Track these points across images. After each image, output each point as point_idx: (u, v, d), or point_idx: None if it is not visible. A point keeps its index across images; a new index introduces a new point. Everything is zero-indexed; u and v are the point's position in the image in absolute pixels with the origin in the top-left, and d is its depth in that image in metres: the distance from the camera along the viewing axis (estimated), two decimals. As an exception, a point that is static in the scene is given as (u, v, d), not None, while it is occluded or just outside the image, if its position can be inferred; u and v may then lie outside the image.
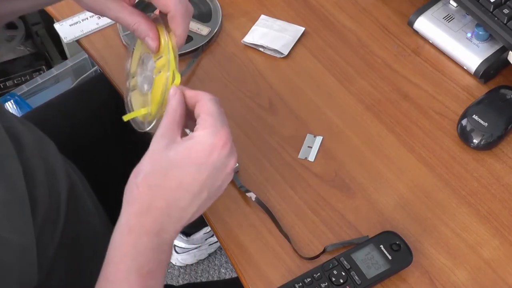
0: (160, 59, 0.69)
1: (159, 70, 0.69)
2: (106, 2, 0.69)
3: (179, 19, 0.67)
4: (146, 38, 0.69)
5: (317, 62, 0.90)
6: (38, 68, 1.66)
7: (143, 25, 0.69)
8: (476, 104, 0.82)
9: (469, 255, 0.73)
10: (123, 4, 0.69)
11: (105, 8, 0.69)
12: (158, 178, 0.60)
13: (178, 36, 0.68)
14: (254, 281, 0.72)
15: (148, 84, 0.71)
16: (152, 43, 0.68)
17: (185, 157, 0.61)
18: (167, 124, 0.63)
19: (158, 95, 0.68)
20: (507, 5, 0.82)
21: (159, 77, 0.69)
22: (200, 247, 1.53)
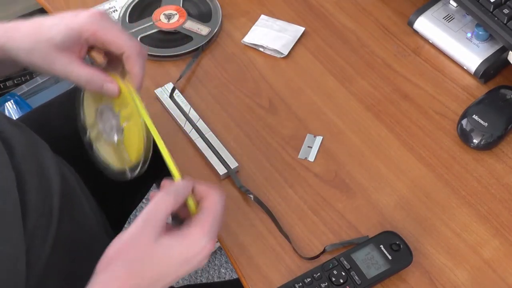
0: (124, 108, 0.68)
1: (127, 119, 0.67)
2: (56, 57, 0.64)
3: (134, 58, 0.65)
4: (104, 85, 0.66)
5: (317, 62, 0.90)
6: (38, 68, 1.65)
7: (96, 75, 0.66)
8: (476, 104, 0.82)
9: (469, 255, 0.73)
10: (73, 58, 0.65)
11: (55, 63, 0.65)
12: (141, 270, 0.59)
13: (136, 76, 0.66)
14: (254, 281, 0.72)
15: (117, 134, 0.69)
16: (112, 86, 0.66)
17: (174, 255, 0.60)
18: (161, 216, 0.60)
19: (136, 143, 0.66)
20: (507, 5, 0.82)
21: (132, 125, 0.67)
22: (200, 247, 1.53)
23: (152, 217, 0.60)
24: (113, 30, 0.65)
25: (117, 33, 0.65)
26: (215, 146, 0.82)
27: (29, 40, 0.65)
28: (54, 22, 0.65)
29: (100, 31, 0.65)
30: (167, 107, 0.86)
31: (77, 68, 0.65)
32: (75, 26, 0.65)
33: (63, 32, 0.64)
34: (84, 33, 0.65)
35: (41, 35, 0.65)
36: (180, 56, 0.92)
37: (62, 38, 0.64)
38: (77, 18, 0.65)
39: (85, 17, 0.65)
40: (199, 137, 0.83)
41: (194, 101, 0.87)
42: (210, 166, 0.81)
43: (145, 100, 0.86)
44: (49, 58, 0.65)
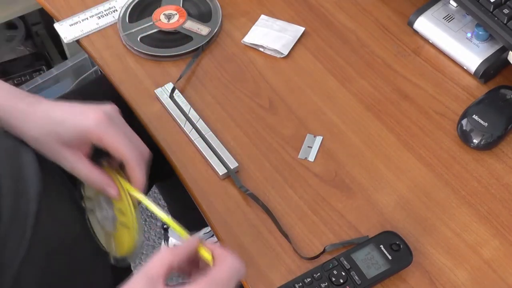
0: (120, 203, 0.69)
1: (122, 214, 0.69)
2: (61, 151, 0.67)
3: (134, 165, 0.67)
4: (106, 188, 0.68)
5: (317, 62, 0.90)
6: (38, 68, 1.66)
7: (99, 177, 0.68)
8: (476, 104, 0.82)
9: (469, 255, 0.73)
10: (79, 155, 0.68)
11: (60, 157, 0.68)
12: None
13: (135, 181, 0.68)
14: (254, 281, 0.72)
15: (110, 224, 0.71)
16: (112, 192, 0.68)
17: None
18: (159, 269, 0.59)
19: (126, 241, 0.69)
20: (507, 5, 0.82)
21: (125, 221, 0.69)
22: (200, 247, 1.53)
23: (150, 271, 0.59)
24: (118, 137, 0.67)
25: (121, 141, 0.67)
26: (215, 146, 0.82)
27: (39, 132, 0.67)
28: (63, 118, 0.67)
29: (105, 137, 0.67)
30: (167, 107, 0.86)
31: (82, 166, 0.68)
32: (83, 129, 0.67)
33: (71, 132, 0.67)
34: (90, 136, 0.67)
35: (49, 130, 0.67)
36: (180, 56, 0.92)
37: (69, 137, 0.67)
38: (85, 120, 0.67)
39: (93, 120, 0.67)
40: (199, 137, 0.83)
41: (194, 101, 0.87)
42: (210, 166, 0.81)
43: (145, 100, 0.87)
44: (57, 152, 0.68)
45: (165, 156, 0.83)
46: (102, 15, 0.97)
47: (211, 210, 0.77)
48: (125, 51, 0.93)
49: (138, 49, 0.92)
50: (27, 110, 0.68)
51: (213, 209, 0.77)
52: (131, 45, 0.92)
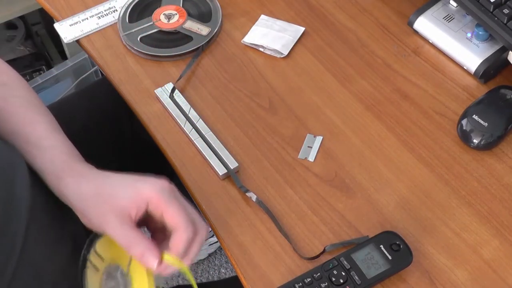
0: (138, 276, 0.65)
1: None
2: (107, 215, 0.63)
3: (183, 238, 0.64)
4: (146, 252, 0.63)
5: (317, 62, 0.90)
6: (38, 68, 1.66)
7: (145, 240, 0.63)
8: (476, 104, 0.82)
9: (469, 255, 0.73)
10: (127, 219, 0.63)
11: (104, 220, 0.64)
12: None
13: (175, 250, 0.64)
14: (254, 281, 0.72)
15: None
16: (152, 258, 0.63)
17: None
18: None
19: None
20: (507, 5, 0.82)
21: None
22: (200, 247, 1.53)
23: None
24: (178, 207, 0.64)
25: (181, 211, 0.64)
26: (215, 146, 0.82)
27: (96, 201, 0.65)
28: (122, 184, 0.65)
29: (166, 204, 0.64)
30: (167, 107, 0.86)
31: (129, 228, 0.63)
32: (144, 193, 0.64)
33: (129, 195, 0.64)
34: (150, 201, 0.64)
35: (109, 198, 0.64)
36: (180, 56, 0.92)
37: (126, 202, 0.64)
38: (148, 186, 0.64)
39: (156, 187, 0.64)
40: (199, 137, 0.83)
41: (194, 101, 0.87)
42: (210, 166, 0.81)
43: (145, 100, 0.87)
44: (105, 217, 0.64)
45: (165, 156, 0.83)
46: (102, 15, 0.97)
47: (211, 210, 0.77)
48: (125, 51, 0.93)
49: (138, 49, 0.92)
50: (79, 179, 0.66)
51: (213, 209, 0.77)
52: (131, 45, 0.92)
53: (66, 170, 0.67)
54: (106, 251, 0.67)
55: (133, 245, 0.63)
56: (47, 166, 0.67)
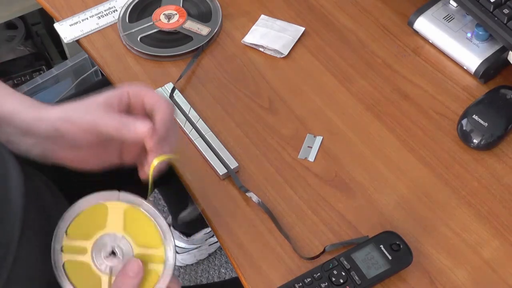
0: (151, 253, 0.63)
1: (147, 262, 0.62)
2: (92, 109, 0.66)
3: (164, 109, 0.66)
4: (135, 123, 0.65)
5: (317, 62, 0.90)
6: (38, 68, 1.66)
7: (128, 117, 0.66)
8: (476, 104, 0.82)
9: (469, 255, 0.73)
10: (110, 109, 0.66)
11: (90, 117, 0.66)
12: None
13: (160, 121, 0.65)
14: (254, 281, 0.72)
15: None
16: (145, 125, 0.65)
17: None
18: None
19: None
20: (507, 5, 0.82)
21: (150, 272, 0.62)
22: (200, 247, 1.53)
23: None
24: (152, 90, 0.68)
25: (154, 93, 0.68)
26: (215, 146, 0.82)
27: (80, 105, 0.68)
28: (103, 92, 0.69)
29: (142, 89, 0.68)
30: (167, 107, 0.86)
31: (114, 113, 0.66)
32: (125, 88, 0.68)
33: (109, 93, 0.67)
34: (129, 92, 0.68)
35: (91, 99, 0.68)
36: (180, 56, 0.92)
37: (106, 96, 0.67)
38: (126, 85, 0.69)
39: (132, 84, 0.69)
40: (199, 137, 0.83)
41: (194, 101, 0.87)
42: (210, 166, 0.81)
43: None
44: (90, 113, 0.66)
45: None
46: (102, 15, 0.97)
47: (211, 210, 0.77)
48: (125, 51, 0.93)
49: (138, 49, 0.92)
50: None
51: (213, 209, 0.77)
52: (131, 45, 0.92)
53: (41, 104, 0.69)
54: (86, 226, 0.65)
55: (123, 124, 0.65)
56: (22, 101, 0.69)
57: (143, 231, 0.63)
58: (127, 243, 0.63)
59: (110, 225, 0.63)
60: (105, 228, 0.63)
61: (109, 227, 0.63)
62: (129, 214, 0.63)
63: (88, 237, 0.63)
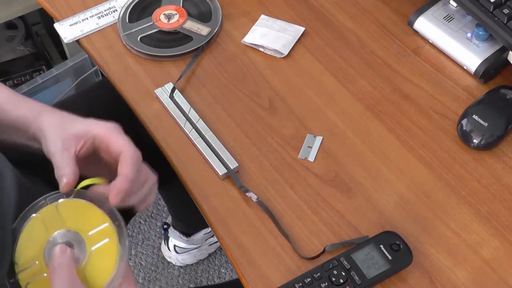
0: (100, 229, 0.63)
1: (100, 240, 0.62)
2: (57, 142, 0.67)
3: (129, 161, 0.66)
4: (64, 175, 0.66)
5: (317, 62, 0.90)
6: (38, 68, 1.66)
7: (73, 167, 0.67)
8: (476, 104, 0.82)
9: (469, 255, 0.73)
10: (67, 148, 0.67)
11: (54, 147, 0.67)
12: None
13: (124, 177, 0.65)
14: (254, 281, 0.72)
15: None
16: (65, 180, 0.65)
17: None
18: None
19: (110, 265, 0.61)
20: (507, 5, 0.82)
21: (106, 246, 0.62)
22: (200, 247, 1.53)
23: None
24: (122, 138, 0.69)
25: (125, 141, 0.68)
26: (215, 146, 0.82)
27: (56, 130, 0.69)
28: (79, 123, 0.71)
29: (109, 134, 0.69)
30: (167, 107, 0.86)
31: (67, 154, 0.67)
32: (92, 128, 0.69)
33: (79, 128, 0.69)
34: (97, 135, 0.69)
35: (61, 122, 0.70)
36: (180, 56, 0.92)
37: (74, 131, 0.69)
38: (98, 125, 0.70)
39: (106, 125, 0.70)
40: (199, 137, 0.83)
41: (194, 101, 0.87)
42: (210, 166, 0.81)
43: (145, 100, 0.87)
44: (55, 144, 0.68)
45: (165, 156, 0.83)
46: (102, 15, 0.97)
47: (211, 210, 0.77)
48: (125, 51, 0.93)
49: (138, 49, 0.92)
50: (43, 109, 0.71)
51: (213, 209, 0.77)
52: (131, 45, 0.92)
53: (44, 109, 0.72)
54: (70, 215, 0.65)
55: (62, 166, 0.66)
56: (25, 112, 0.71)
57: (83, 216, 0.63)
58: (73, 233, 0.62)
59: (50, 229, 0.63)
60: (48, 234, 0.63)
61: (50, 231, 0.63)
62: (63, 209, 0.63)
63: (36, 253, 0.62)
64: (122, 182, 0.65)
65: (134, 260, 1.57)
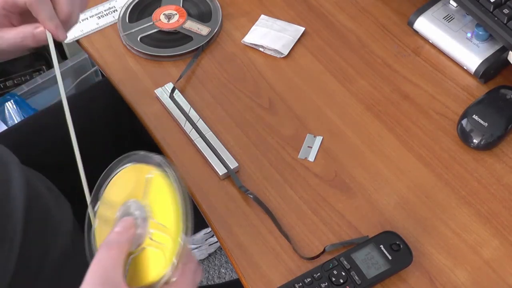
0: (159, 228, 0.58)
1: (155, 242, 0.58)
2: None
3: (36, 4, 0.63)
4: (35, 30, 0.64)
5: (317, 62, 0.90)
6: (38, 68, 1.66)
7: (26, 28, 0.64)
8: (476, 104, 0.82)
9: (469, 255, 0.73)
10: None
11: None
12: None
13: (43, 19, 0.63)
14: (254, 281, 0.72)
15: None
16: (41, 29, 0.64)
17: None
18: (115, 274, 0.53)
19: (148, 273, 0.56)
20: (507, 5, 0.82)
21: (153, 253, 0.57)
22: (200, 247, 1.53)
23: (109, 277, 0.54)
24: None
25: None
26: (215, 146, 0.82)
27: None
28: None
29: None
30: (167, 107, 0.86)
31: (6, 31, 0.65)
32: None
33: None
34: None
35: None
36: (180, 56, 0.92)
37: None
38: None
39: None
40: (199, 137, 0.83)
41: (194, 101, 0.87)
42: (210, 166, 0.81)
43: (145, 100, 0.87)
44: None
45: (165, 156, 0.83)
46: (102, 15, 0.97)
47: (211, 210, 0.77)
48: (125, 51, 0.93)
49: (138, 49, 0.92)
50: None
51: (213, 209, 0.77)
52: (131, 45, 0.92)
53: None
54: (117, 194, 0.62)
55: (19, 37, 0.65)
56: None
57: (164, 207, 0.58)
58: (145, 211, 0.58)
59: (135, 192, 0.59)
60: (131, 194, 0.59)
61: (135, 194, 0.59)
62: (157, 183, 0.58)
63: (116, 203, 0.60)
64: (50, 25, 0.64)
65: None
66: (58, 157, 0.89)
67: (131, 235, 0.56)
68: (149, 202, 0.58)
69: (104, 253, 0.55)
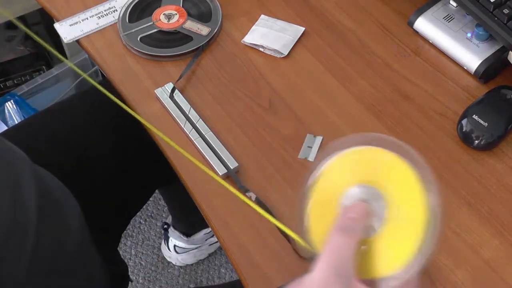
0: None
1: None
2: None
3: None
4: None
5: (317, 62, 0.90)
6: (38, 68, 1.66)
7: None
8: (476, 104, 0.82)
9: (469, 255, 0.73)
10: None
11: None
12: None
13: None
14: (254, 281, 0.72)
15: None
16: None
17: None
18: (349, 266, 0.48)
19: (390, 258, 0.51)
20: (507, 5, 0.82)
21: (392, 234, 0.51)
22: (200, 247, 1.53)
23: (343, 271, 0.49)
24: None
25: None
26: (215, 146, 0.82)
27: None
28: None
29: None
30: (167, 107, 0.86)
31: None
32: None
33: None
34: None
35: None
36: (180, 56, 0.92)
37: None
38: None
39: None
40: (199, 137, 0.83)
41: (194, 101, 0.87)
42: (210, 166, 0.81)
43: (145, 100, 0.87)
44: None
45: (165, 156, 0.83)
46: (102, 15, 0.97)
47: (211, 210, 0.77)
48: (125, 51, 0.93)
49: (138, 49, 0.92)
50: None
51: (213, 209, 0.77)
52: (131, 45, 0.92)
53: None
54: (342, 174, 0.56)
55: None
56: None
57: (405, 198, 0.52)
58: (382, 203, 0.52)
59: (373, 177, 0.54)
60: (369, 179, 0.54)
61: (372, 179, 0.54)
62: (406, 177, 0.53)
63: (341, 184, 0.55)
64: None
65: (134, 260, 1.57)
66: (58, 157, 0.89)
67: (366, 224, 0.51)
68: (389, 193, 0.53)
69: (340, 240, 0.50)
